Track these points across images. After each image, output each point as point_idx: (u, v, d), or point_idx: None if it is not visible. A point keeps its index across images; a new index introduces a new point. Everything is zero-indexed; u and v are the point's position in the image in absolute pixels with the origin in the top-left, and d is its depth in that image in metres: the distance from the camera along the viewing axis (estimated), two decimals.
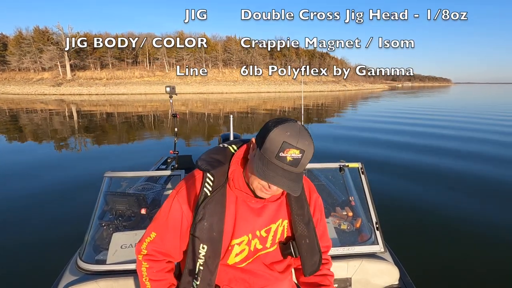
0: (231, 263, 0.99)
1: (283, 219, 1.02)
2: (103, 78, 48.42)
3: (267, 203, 0.98)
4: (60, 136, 9.65)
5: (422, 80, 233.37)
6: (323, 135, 9.87)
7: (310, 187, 1.11)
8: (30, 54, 48.09)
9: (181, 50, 57.10)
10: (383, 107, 21.54)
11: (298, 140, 0.79)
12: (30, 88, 39.52)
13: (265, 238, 1.00)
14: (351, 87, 72.11)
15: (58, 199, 4.25)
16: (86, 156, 7.34)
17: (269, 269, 1.03)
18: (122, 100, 27.87)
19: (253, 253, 1.00)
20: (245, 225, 0.97)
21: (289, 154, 0.78)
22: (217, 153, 0.97)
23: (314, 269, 1.05)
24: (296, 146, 0.78)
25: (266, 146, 0.81)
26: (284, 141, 0.78)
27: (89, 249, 1.65)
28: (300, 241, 1.01)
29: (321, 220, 1.13)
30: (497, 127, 11.09)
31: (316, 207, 1.10)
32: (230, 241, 0.96)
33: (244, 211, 0.96)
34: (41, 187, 4.76)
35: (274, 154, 0.79)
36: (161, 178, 2.68)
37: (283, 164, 0.79)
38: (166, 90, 2.61)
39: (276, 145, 0.79)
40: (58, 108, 20.12)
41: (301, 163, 0.80)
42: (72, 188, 4.64)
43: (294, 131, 0.80)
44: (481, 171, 5.61)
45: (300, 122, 0.85)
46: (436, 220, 3.62)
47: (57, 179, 5.17)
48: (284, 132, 0.79)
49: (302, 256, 1.01)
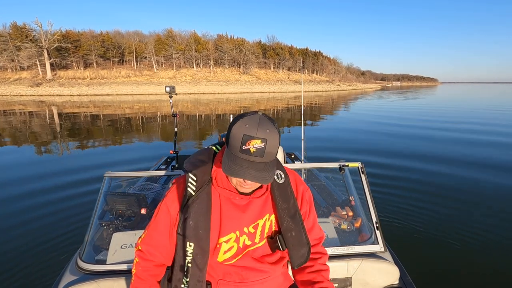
0: (221, 260, 1.04)
1: (270, 214, 1.07)
2: (86, 77, 47.62)
3: (253, 199, 1.03)
4: (55, 137, 9.60)
5: (410, 80, 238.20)
6: (323, 135, 10.04)
7: (296, 179, 1.15)
8: (7, 52, 46.98)
9: (170, 49, 56.87)
10: (383, 107, 21.87)
11: (257, 131, 0.84)
12: (6, 89, 38.40)
13: (254, 234, 1.05)
14: (345, 86, 73.02)
15: (58, 199, 4.31)
16: (86, 156, 7.35)
17: (260, 262, 1.07)
18: (107, 101, 27.51)
19: (242, 250, 1.05)
20: (231, 222, 1.02)
21: (251, 145, 0.84)
22: (201, 154, 1.06)
23: (302, 261, 1.08)
24: (256, 136, 0.84)
25: (230, 142, 0.88)
26: (244, 134, 0.84)
27: (89, 249, 1.68)
28: (286, 234, 1.05)
29: (310, 213, 1.17)
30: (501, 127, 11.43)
31: (304, 199, 1.14)
32: (218, 239, 1.02)
33: (229, 209, 1.02)
34: (41, 187, 4.83)
35: (238, 149, 0.85)
36: (161, 178, 2.71)
37: (248, 157, 0.85)
38: (166, 90, 2.68)
39: (238, 139, 0.85)
40: (38, 109, 19.78)
41: (267, 152, 0.85)
42: (72, 188, 4.73)
43: (252, 123, 0.85)
44: (481, 170, 5.78)
45: (261, 112, 0.90)
46: (436, 220, 3.71)
47: (57, 179, 5.26)
48: (243, 125, 0.85)
49: (289, 248, 1.05)
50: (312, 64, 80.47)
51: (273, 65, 70.61)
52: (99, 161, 6.76)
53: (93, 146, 8.49)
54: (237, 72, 61.40)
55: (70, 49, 50.87)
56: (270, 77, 64.52)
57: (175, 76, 54.81)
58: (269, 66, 69.71)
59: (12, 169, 6.01)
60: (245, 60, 61.81)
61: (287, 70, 72.70)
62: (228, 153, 0.90)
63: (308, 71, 79.30)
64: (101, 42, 54.55)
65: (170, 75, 54.70)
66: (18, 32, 47.27)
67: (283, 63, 71.08)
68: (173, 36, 60.47)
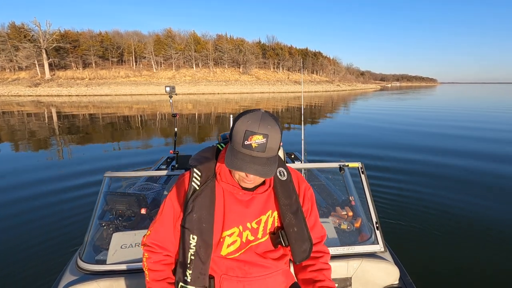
0: (224, 254, 1.06)
1: (272, 210, 1.10)
2: (85, 78, 47.58)
3: (256, 195, 1.06)
4: (55, 137, 9.59)
5: (409, 80, 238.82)
6: (323, 135, 10.05)
7: (298, 177, 1.18)
8: (5, 52, 46.97)
9: (169, 49, 56.89)
10: (383, 107, 21.90)
11: (259, 126, 0.88)
12: (4, 89, 38.36)
13: (256, 230, 1.08)
14: (345, 87, 73.16)
15: (58, 199, 4.33)
16: (85, 156, 7.35)
17: (263, 258, 1.09)
18: (106, 102, 27.51)
19: (245, 244, 1.07)
20: (234, 216, 1.05)
21: (253, 141, 0.88)
22: (206, 151, 1.11)
23: (304, 256, 1.10)
24: (258, 132, 0.88)
25: (233, 138, 0.92)
26: (246, 130, 0.88)
27: (89, 249, 1.69)
28: (289, 230, 1.08)
29: (312, 210, 1.19)
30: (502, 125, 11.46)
31: (306, 197, 1.17)
32: (221, 233, 1.04)
33: (232, 203, 1.05)
34: (40, 187, 4.85)
35: (240, 144, 0.89)
36: (161, 178, 2.72)
37: (250, 152, 0.89)
38: (166, 90, 2.70)
39: (240, 135, 0.89)
40: (37, 110, 19.77)
41: (268, 147, 0.89)
42: (71, 188, 4.75)
43: (254, 119, 0.89)
44: (482, 169, 5.80)
45: (263, 110, 0.94)
46: (436, 219, 3.72)
47: (56, 179, 5.28)
48: (246, 121, 0.90)
49: (291, 244, 1.08)
50: (312, 64, 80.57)
51: (273, 65, 70.69)
52: (99, 161, 6.77)
53: (93, 146, 8.49)
54: (237, 72, 61.46)
55: (69, 49, 50.91)
56: (269, 77, 64.58)
57: (174, 76, 54.82)
58: (268, 66, 69.79)
59: (11, 169, 6.01)
60: (244, 60, 61.86)
61: (287, 70, 72.78)
62: (231, 148, 0.94)
63: (308, 71, 79.42)
64: (100, 42, 54.59)
65: (169, 75, 54.72)
66: (16, 32, 47.26)
67: (282, 63, 71.16)
68: (173, 36, 60.54)
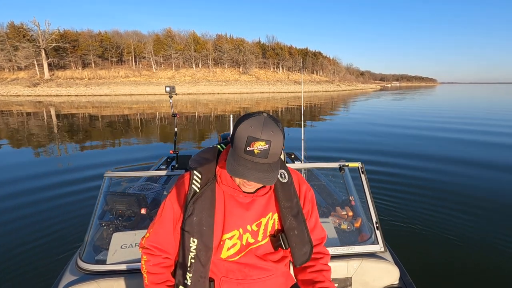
0: (224, 257, 1.06)
1: (272, 213, 1.09)
2: (84, 78, 47.54)
3: (256, 198, 1.05)
4: (54, 137, 9.62)
5: (409, 80, 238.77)
6: (323, 135, 10.06)
7: (299, 179, 1.17)
8: (4, 52, 46.96)
9: (169, 49, 56.88)
10: (384, 107, 21.92)
11: (262, 132, 0.85)
12: (3, 89, 38.34)
13: (257, 232, 1.07)
14: (345, 87, 73.18)
15: (58, 199, 4.34)
16: (85, 156, 7.38)
17: (263, 260, 1.09)
18: (105, 102, 27.51)
19: (245, 247, 1.07)
20: (234, 219, 1.04)
21: (255, 147, 0.85)
22: (206, 152, 1.09)
23: (304, 259, 1.10)
24: (260, 138, 0.85)
25: (235, 143, 0.89)
26: (249, 136, 0.85)
27: (89, 249, 1.69)
28: (289, 233, 1.07)
29: (312, 212, 1.18)
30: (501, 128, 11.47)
31: (306, 198, 1.16)
32: (221, 235, 1.03)
33: (232, 206, 1.04)
34: (40, 187, 4.86)
35: (242, 150, 0.87)
36: (161, 178, 2.73)
37: (252, 158, 0.87)
38: (166, 90, 2.70)
39: (242, 141, 0.86)
40: (36, 110, 19.77)
41: (271, 153, 0.87)
42: (72, 188, 4.76)
43: (257, 124, 0.86)
44: (482, 169, 5.82)
45: (266, 113, 0.91)
46: (437, 219, 3.73)
47: (56, 179, 5.29)
48: (248, 126, 0.86)
49: (292, 247, 1.07)
50: (312, 64, 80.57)
51: (273, 65, 70.70)
52: (98, 161, 6.78)
53: (93, 146, 8.50)
54: (237, 72, 61.45)
55: (68, 49, 50.88)
56: (269, 77, 64.58)
57: (174, 76, 54.80)
58: (268, 66, 69.79)
59: (11, 169, 6.01)
60: (244, 60, 61.85)
61: (287, 70, 72.79)
62: (232, 153, 0.91)
63: (308, 71, 79.42)
64: (100, 42, 54.57)
65: (169, 75, 54.70)
66: (15, 32, 47.26)
67: (282, 63, 71.17)
68: (172, 36, 60.52)
